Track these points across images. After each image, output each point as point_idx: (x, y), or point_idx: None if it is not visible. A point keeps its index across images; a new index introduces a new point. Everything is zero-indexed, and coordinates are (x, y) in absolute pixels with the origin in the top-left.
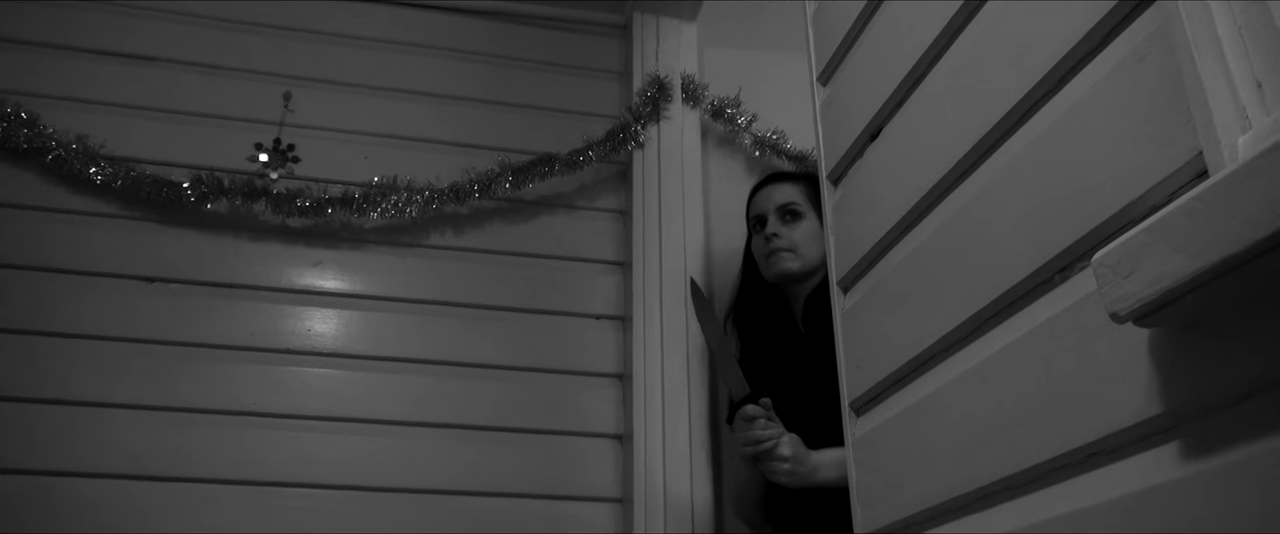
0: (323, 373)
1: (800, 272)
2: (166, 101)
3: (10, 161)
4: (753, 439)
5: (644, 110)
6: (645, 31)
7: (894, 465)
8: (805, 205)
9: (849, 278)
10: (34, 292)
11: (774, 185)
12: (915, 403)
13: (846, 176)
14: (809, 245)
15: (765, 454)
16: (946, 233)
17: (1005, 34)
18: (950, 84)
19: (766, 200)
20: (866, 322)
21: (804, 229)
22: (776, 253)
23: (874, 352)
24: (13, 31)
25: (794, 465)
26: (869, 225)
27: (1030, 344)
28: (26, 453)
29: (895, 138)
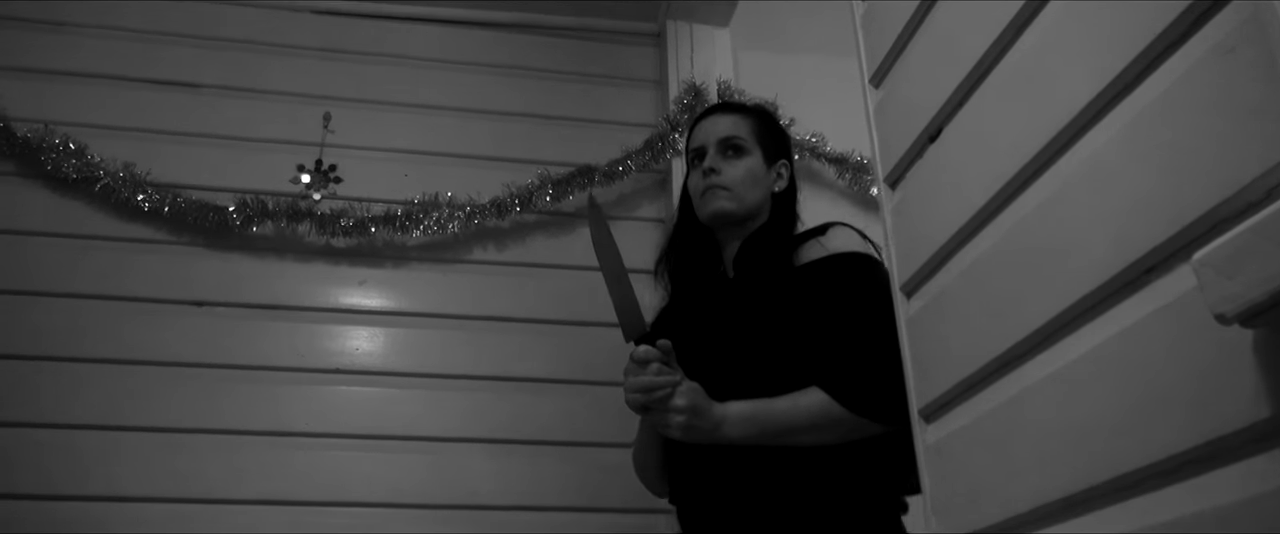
0: (370, 391)
1: (736, 213)
2: (209, 127)
3: (60, 191)
4: (643, 385)
5: (681, 118)
6: (679, 39)
7: (970, 473)
8: (750, 141)
9: (913, 283)
10: (86, 318)
11: (718, 116)
12: (991, 409)
13: (905, 179)
14: (748, 186)
15: (657, 404)
16: (1019, 234)
17: (1076, 29)
18: (1016, 82)
19: (708, 132)
20: (934, 327)
21: (745, 167)
22: (712, 190)
23: (943, 358)
24: (60, 63)
25: (691, 417)
26: (932, 229)
27: (1119, 347)
28: (80, 478)
29: (957, 139)
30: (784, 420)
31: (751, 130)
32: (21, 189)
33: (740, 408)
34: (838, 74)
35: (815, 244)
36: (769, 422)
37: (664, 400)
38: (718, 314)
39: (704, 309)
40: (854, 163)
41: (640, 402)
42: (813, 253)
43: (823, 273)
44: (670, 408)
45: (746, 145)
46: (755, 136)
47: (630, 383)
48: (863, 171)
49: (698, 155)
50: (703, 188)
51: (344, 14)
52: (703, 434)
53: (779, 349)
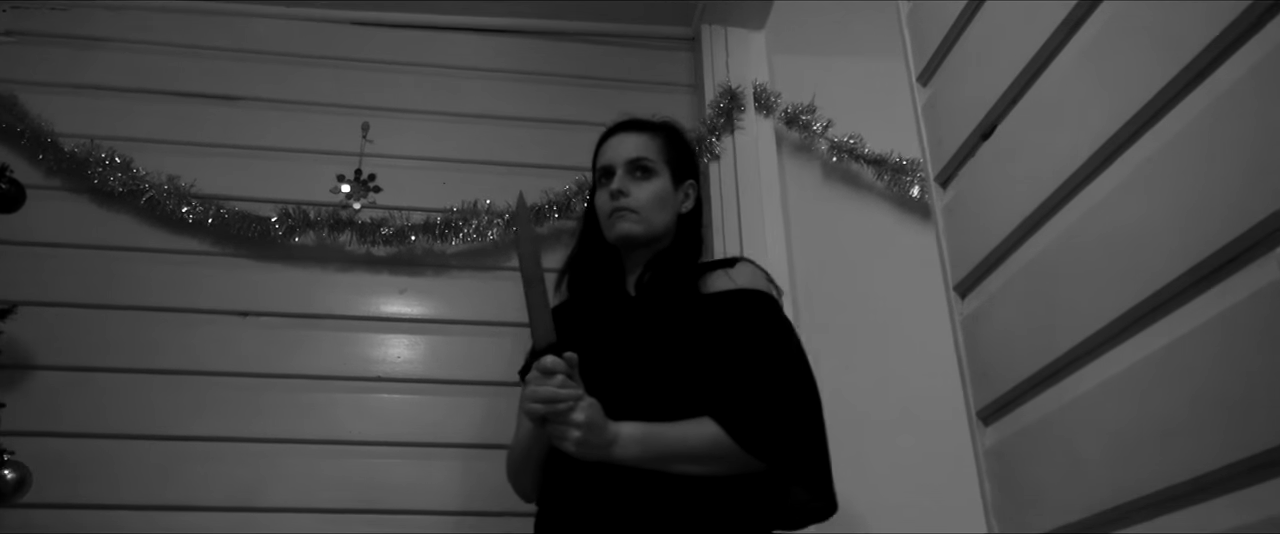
0: (411, 399)
1: (643, 236)
2: (250, 139)
3: (107, 205)
4: (548, 396)
5: (718, 122)
6: (714, 43)
7: (1033, 476)
8: (658, 162)
9: (967, 282)
10: (133, 330)
11: (626, 135)
12: (1055, 410)
13: (957, 177)
14: (655, 209)
15: (557, 416)
16: (1082, 230)
17: (1140, 19)
18: (1075, 76)
19: (616, 151)
20: (990, 327)
21: (652, 189)
22: (620, 212)
23: (1001, 359)
24: (105, 79)
25: (587, 433)
26: (987, 227)
27: (1190, 346)
28: (133, 488)
29: (1012, 135)
30: (674, 447)
31: (660, 150)
32: (70, 203)
33: (632, 430)
34: (874, 75)
35: (722, 275)
36: (659, 446)
37: (564, 414)
38: (618, 332)
39: (604, 326)
40: (893, 164)
41: (540, 412)
42: (719, 283)
43: (729, 305)
44: (569, 421)
45: (655, 167)
46: (664, 157)
47: (533, 392)
48: (902, 172)
49: (605, 174)
50: (610, 209)
51: (381, 24)
52: (594, 451)
53: (677, 374)
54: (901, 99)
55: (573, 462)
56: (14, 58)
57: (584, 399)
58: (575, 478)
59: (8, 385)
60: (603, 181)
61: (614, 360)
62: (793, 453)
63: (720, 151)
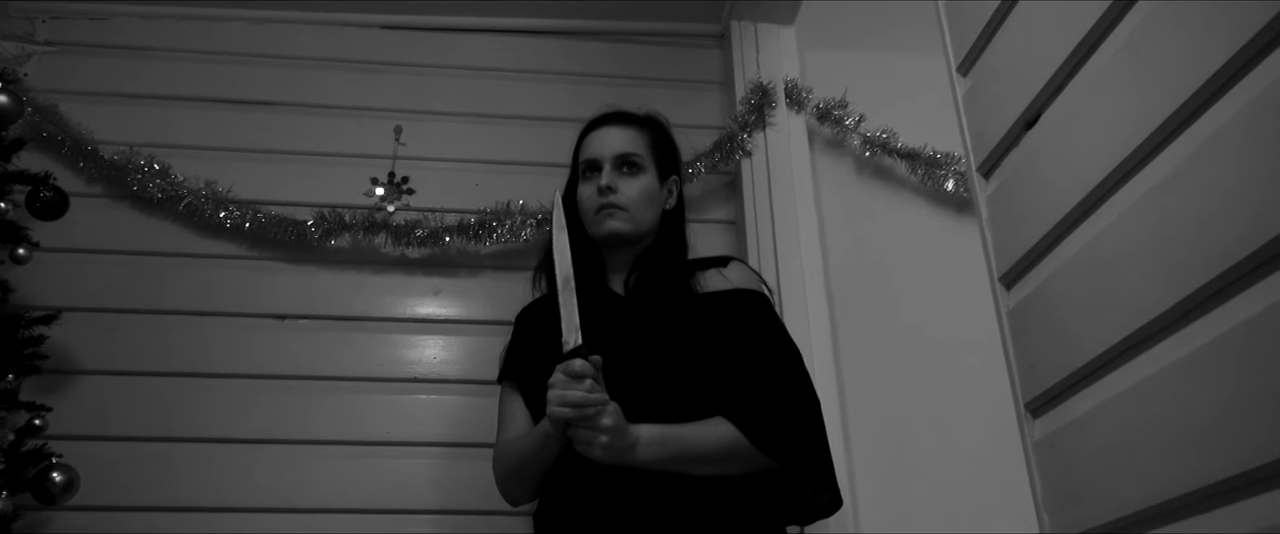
0: (448, 400)
1: (631, 235)
2: (285, 143)
3: (147, 211)
4: (579, 401)
5: (749, 118)
6: (744, 39)
7: (1083, 470)
8: (646, 158)
9: (1013, 273)
10: (174, 334)
11: (614, 128)
12: (1107, 401)
13: (1000, 167)
14: (643, 206)
15: (584, 421)
16: (1132, 219)
17: (1191, 2)
18: (1122, 61)
19: (604, 145)
20: (1038, 318)
21: (641, 186)
22: (609, 210)
23: (1049, 350)
24: (142, 87)
25: (613, 438)
26: (1033, 217)
27: (1258, 330)
28: (170, 490)
29: (1057, 123)
30: (693, 448)
31: (647, 146)
32: (110, 210)
33: (651, 432)
34: (906, 69)
35: (716, 274)
36: (678, 447)
37: (592, 418)
38: (616, 333)
39: (599, 327)
40: (926, 157)
41: (569, 417)
42: (715, 283)
43: (729, 305)
44: (598, 427)
45: (643, 163)
46: (651, 153)
47: (562, 396)
48: (936, 166)
49: (591, 168)
50: (597, 205)
51: (411, 28)
52: (618, 454)
53: (685, 375)
54: (934, 92)
55: (584, 464)
56: (54, 68)
57: (610, 404)
58: (590, 481)
59: (54, 390)
60: (588, 175)
61: (618, 361)
62: (803, 452)
63: (752, 148)
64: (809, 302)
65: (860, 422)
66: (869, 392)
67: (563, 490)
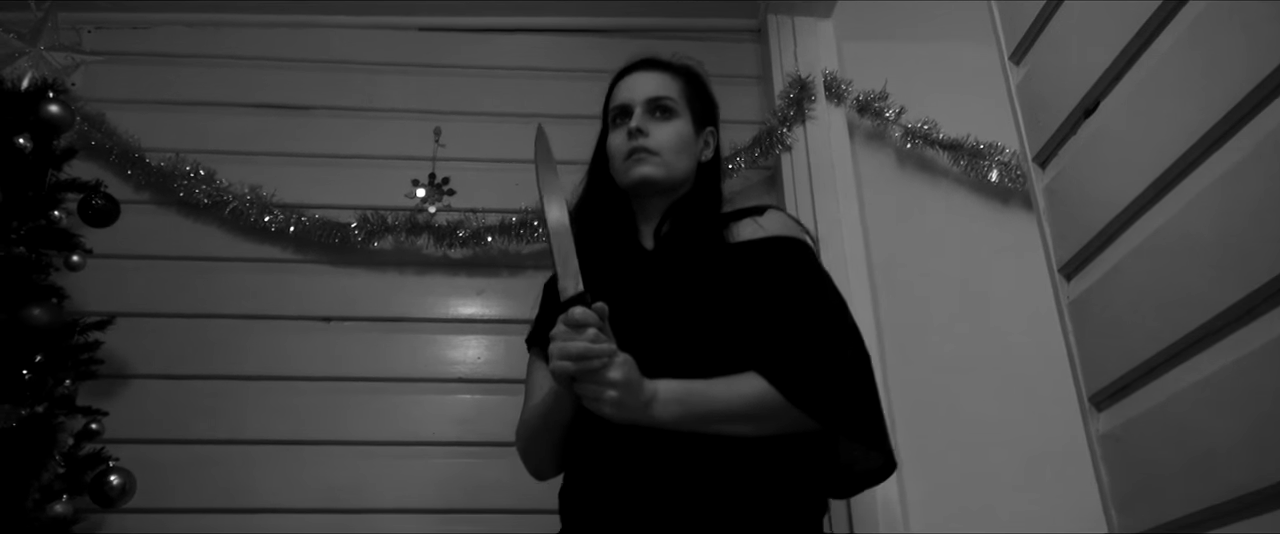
0: (493, 399)
1: (663, 181)
2: (327, 147)
3: (194, 216)
4: (580, 353)
5: (788, 112)
6: (781, 33)
7: (1152, 464)
8: (680, 103)
9: (1073, 264)
10: (223, 338)
11: (646, 72)
12: (1177, 393)
13: (1057, 157)
14: (677, 152)
15: (589, 374)
16: (1199, 208)
17: None
18: (1185, 48)
19: (634, 89)
20: (1101, 309)
21: (674, 131)
22: (639, 154)
23: (1114, 341)
24: (186, 94)
25: (624, 394)
26: (1093, 206)
27: None
28: (221, 492)
29: (1117, 111)
30: (718, 405)
31: (681, 92)
32: (158, 216)
33: (671, 387)
34: (947, 59)
35: (751, 223)
36: (701, 404)
37: (598, 371)
38: (641, 286)
39: (624, 279)
40: (969, 148)
41: (571, 370)
42: (748, 232)
43: (763, 254)
44: (604, 380)
45: (676, 108)
46: (685, 99)
47: (562, 348)
48: (979, 157)
49: (621, 113)
50: (628, 149)
51: (449, 29)
52: (632, 412)
53: (712, 327)
54: (976, 81)
55: (603, 426)
56: (101, 77)
57: (618, 355)
58: (608, 443)
59: (109, 394)
60: (618, 122)
61: (641, 315)
62: (846, 407)
63: (792, 142)
64: (852, 295)
65: (908, 417)
66: (916, 386)
67: (579, 459)
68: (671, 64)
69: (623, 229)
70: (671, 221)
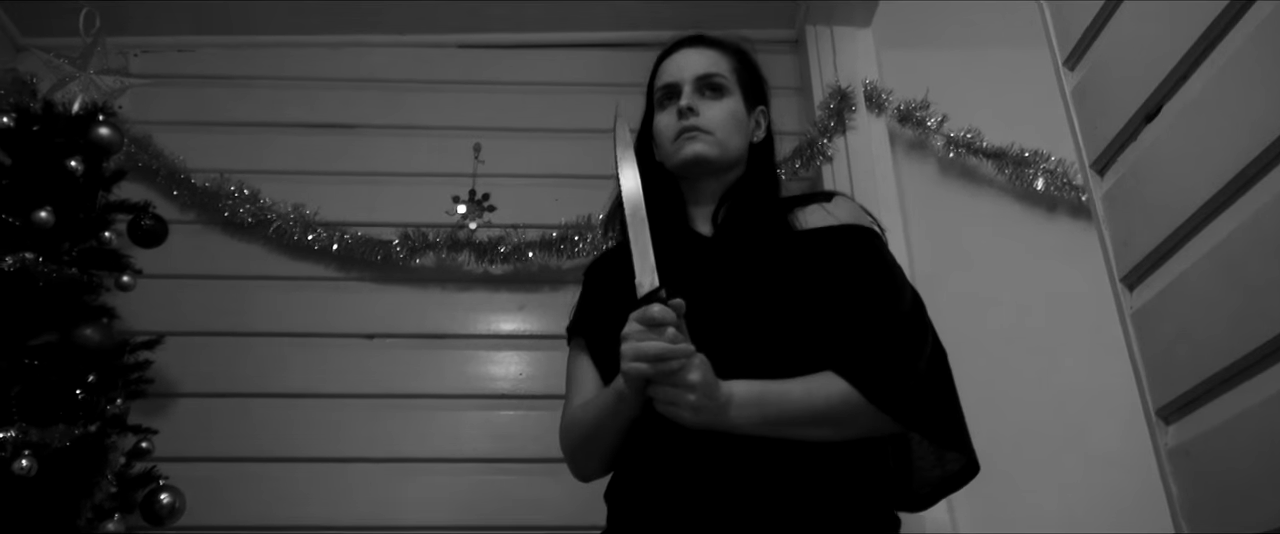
0: (535, 415)
1: (717, 160)
2: (369, 165)
3: (238, 235)
4: (659, 353)
5: (828, 123)
6: (820, 43)
7: (1225, 478)
8: (731, 80)
9: (1137, 273)
10: (268, 356)
11: (694, 50)
12: (1247, 409)
13: (1116, 163)
14: (730, 130)
15: (667, 376)
16: (1270, 216)
17: None
18: (1252, 50)
19: (682, 67)
20: (1168, 320)
21: (727, 108)
22: (691, 133)
23: (1182, 353)
24: (230, 114)
25: (702, 397)
26: (1157, 214)
27: None
28: (267, 509)
29: (1180, 116)
30: (797, 408)
31: (732, 69)
32: (204, 235)
33: (748, 389)
34: (988, 66)
35: (819, 210)
36: (779, 407)
37: (676, 373)
38: (704, 277)
39: (683, 270)
40: (1014, 155)
41: (647, 373)
42: (816, 219)
43: (835, 243)
44: (684, 383)
45: (727, 85)
46: (736, 76)
47: (639, 348)
48: (1024, 165)
49: (669, 94)
50: (677, 129)
51: (487, 46)
52: (706, 416)
53: (785, 322)
54: (1018, 88)
55: (665, 429)
56: (147, 100)
57: (696, 355)
58: (673, 446)
59: (158, 413)
60: (665, 103)
61: (708, 308)
62: (930, 409)
63: (832, 153)
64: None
65: None
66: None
67: (640, 461)
68: (721, 41)
69: (674, 214)
70: (730, 206)
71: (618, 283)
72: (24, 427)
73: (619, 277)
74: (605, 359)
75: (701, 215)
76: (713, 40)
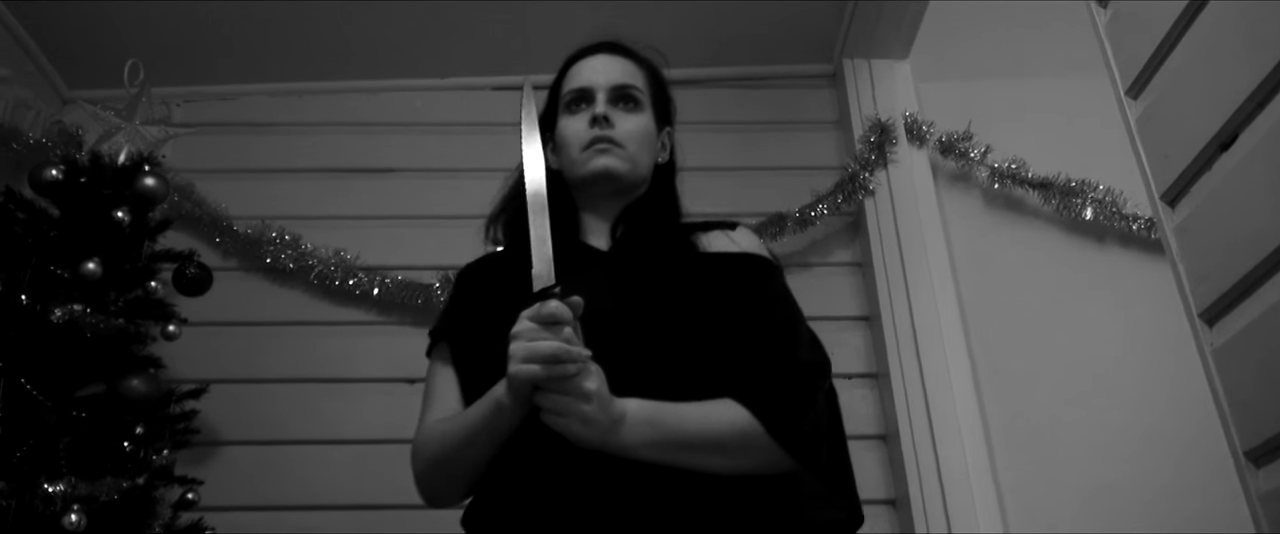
0: None
1: (626, 177)
2: (408, 208)
3: (279, 281)
4: (553, 354)
5: (869, 156)
6: (858, 76)
7: None
8: (645, 96)
9: (1216, 308)
10: (311, 403)
11: (611, 57)
12: None
13: (1189, 194)
14: (642, 147)
15: (560, 381)
16: None
17: None
18: None
19: (598, 72)
20: (1253, 358)
21: (640, 124)
22: (604, 144)
23: (1271, 393)
24: (270, 161)
25: (597, 409)
26: (1237, 246)
27: None
28: None
29: (1258, 144)
30: (692, 431)
31: (646, 84)
32: (245, 282)
33: (642, 406)
34: (1030, 96)
35: (722, 236)
36: (674, 430)
37: (571, 379)
38: (597, 291)
39: (577, 283)
40: (1061, 186)
41: (539, 376)
42: (720, 244)
43: (739, 269)
44: (578, 391)
45: (642, 99)
46: (649, 92)
47: (532, 348)
48: (1071, 195)
49: (581, 98)
50: (589, 138)
51: (522, 87)
52: (598, 432)
53: (684, 341)
54: (1060, 117)
55: (547, 446)
56: (190, 148)
57: (593, 363)
58: (557, 468)
59: (204, 462)
60: (575, 108)
61: (603, 324)
62: (825, 451)
63: (874, 186)
64: (946, 342)
65: (1010, 465)
66: (1017, 433)
67: (512, 482)
68: (638, 53)
69: (566, 226)
70: (630, 223)
71: (496, 288)
72: (73, 481)
73: (498, 282)
74: (473, 371)
75: (596, 229)
76: (630, 51)
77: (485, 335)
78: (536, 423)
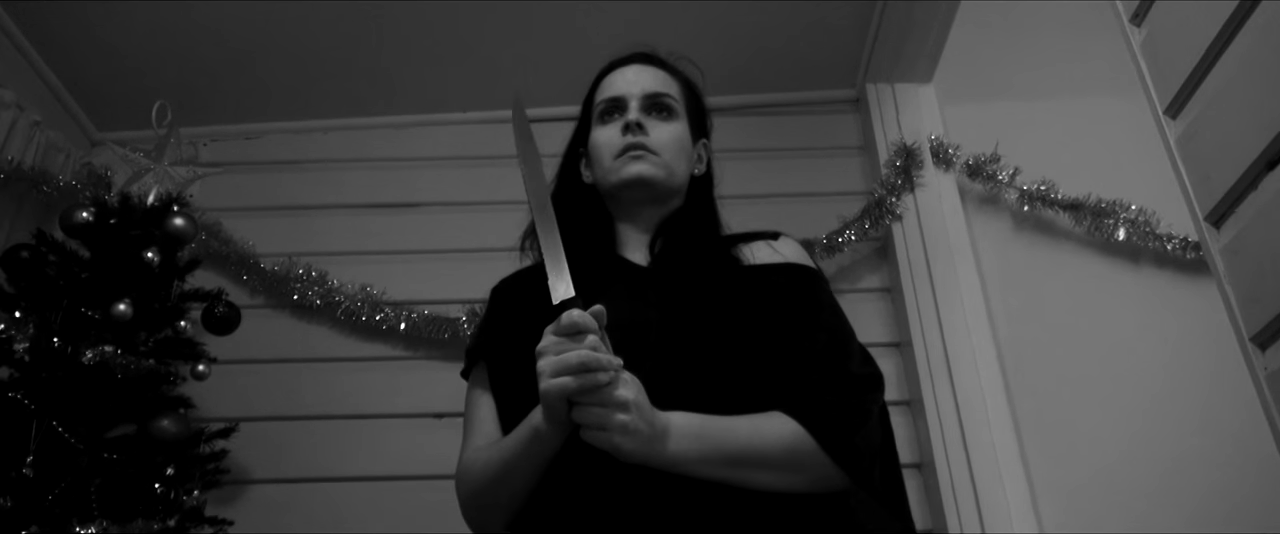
0: None
1: (662, 184)
2: (434, 242)
3: (307, 318)
4: (582, 362)
5: (895, 181)
6: (882, 101)
7: None
8: (680, 105)
9: (1269, 332)
10: (339, 439)
11: (644, 66)
12: None
13: (1235, 214)
14: (677, 155)
15: (593, 392)
16: None
17: None
18: None
19: (631, 82)
20: None
21: (674, 132)
22: (637, 151)
23: None
24: (296, 198)
25: (637, 418)
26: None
27: None
28: None
29: None
30: (742, 445)
31: (681, 94)
32: (273, 319)
33: (688, 420)
34: (1057, 116)
35: (765, 246)
36: (722, 443)
37: (603, 389)
38: (639, 306)
39: (615, 298)
40: (1092, 206)
41: (570, 388)
42: (763, 255)
43: (785, 281)
44: (613, 400)
45: (676, 108)
46: (684, 102)
47: (559, 361)
48: (1103, 215)
49: (614, 108)
50: (623, 146)
51: (548, 119)
52: (642, 444)
53: (730, 356)
54: (1087, 136)
55: (592, 466)
56: (216, 187)
57: (627, 372)
58: (603, 488)
59: (234, 502)
60: (608, 118)
61: (644, 339)
62: (877, 469)
63: (902, 211)
64: (980, 366)
65: (1050, 495)
66: (1053, 458)
67: (556, 507)
68: (672, 64)
69: (602, 240)
70: (669, 236)
71: (533, 305)
72: (105, 523)
73: (533, 296)
74: (511, 393)
75: (635, 243)
76: (664, 62)
77: (519, 353)
78: (579, 442)
